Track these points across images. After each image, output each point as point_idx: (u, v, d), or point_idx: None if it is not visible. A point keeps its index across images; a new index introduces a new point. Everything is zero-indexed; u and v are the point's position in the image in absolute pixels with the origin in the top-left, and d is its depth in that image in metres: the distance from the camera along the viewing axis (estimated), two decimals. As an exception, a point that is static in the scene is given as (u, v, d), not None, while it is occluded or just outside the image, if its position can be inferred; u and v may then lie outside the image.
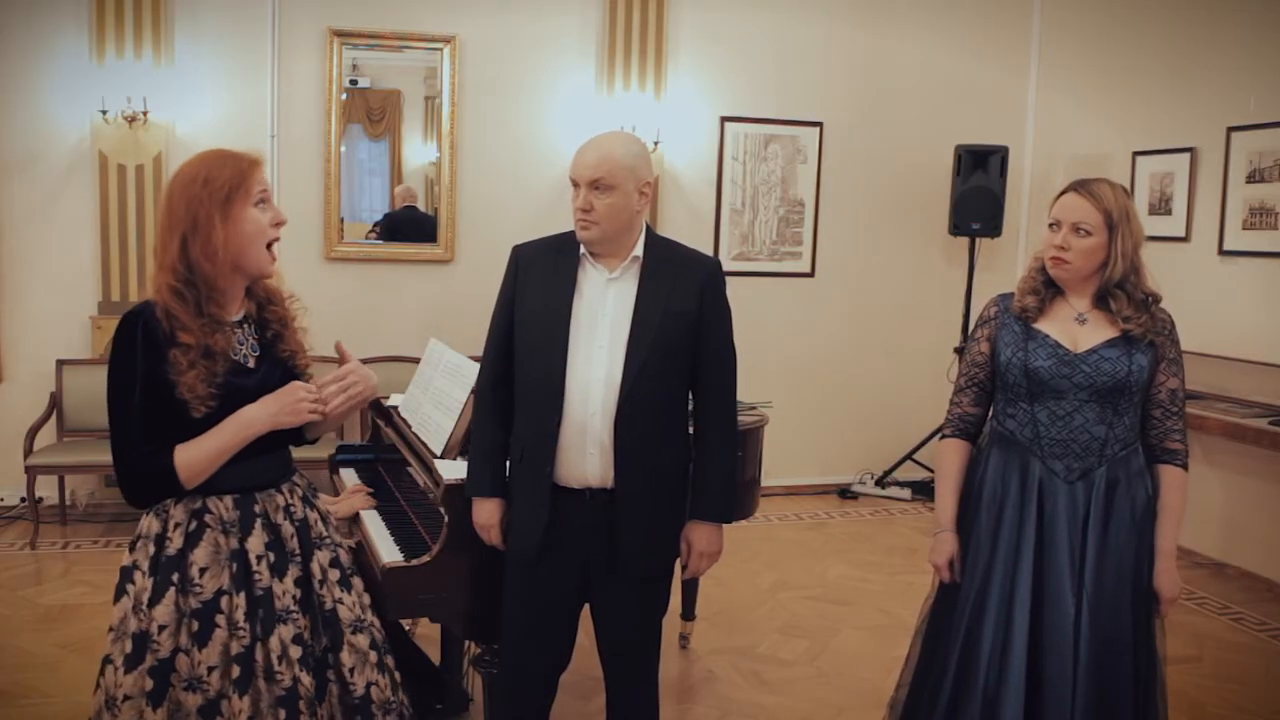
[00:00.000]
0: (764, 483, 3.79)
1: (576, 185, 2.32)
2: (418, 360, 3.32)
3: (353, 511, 2.94)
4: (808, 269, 6.22)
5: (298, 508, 2.14)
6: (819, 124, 6.10)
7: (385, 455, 3.38)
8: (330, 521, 2.24)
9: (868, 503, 6.15)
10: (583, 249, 2.37)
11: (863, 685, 3.67)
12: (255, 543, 2.03)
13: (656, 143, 5.74)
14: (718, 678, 3.74)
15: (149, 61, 5.15)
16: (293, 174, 5.44)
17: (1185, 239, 5.32)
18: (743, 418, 3.76)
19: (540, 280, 2.39)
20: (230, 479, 2.02)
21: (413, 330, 5.47)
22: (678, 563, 2.52)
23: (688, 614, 3.96)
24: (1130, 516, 2.31)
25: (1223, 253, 5.11)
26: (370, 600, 2.24)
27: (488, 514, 2.45)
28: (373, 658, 2.15)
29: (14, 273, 5.21)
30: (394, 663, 2.24)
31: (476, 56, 5.62)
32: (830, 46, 6.08)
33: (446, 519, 2.53)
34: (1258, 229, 4.94)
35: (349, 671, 2.10)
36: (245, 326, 2.09)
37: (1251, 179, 4.96)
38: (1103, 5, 5.90)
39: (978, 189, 5.90)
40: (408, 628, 3.36)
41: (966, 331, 5.96)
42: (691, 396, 2.47)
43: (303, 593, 2.07)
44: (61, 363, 5.16)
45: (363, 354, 5.53)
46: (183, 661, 1.95)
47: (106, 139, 5.16)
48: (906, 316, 6.35)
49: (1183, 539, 4.22)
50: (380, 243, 5.77)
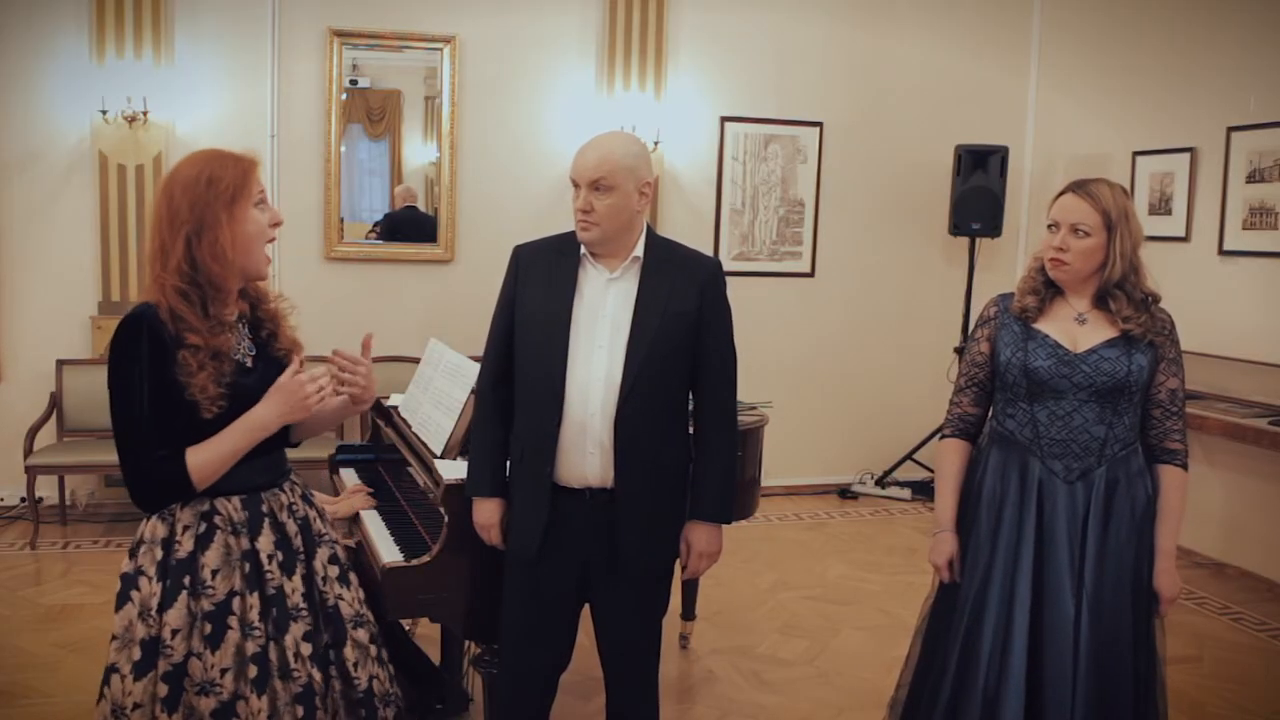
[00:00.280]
0: (764, 483, 3.79)
1: (577, 186, 2.32)
2: (418, 360, 3.32)
3: (353, 511, 2.94)
4: (808, 269, 6.22)
5: (299, 506, 2.15)
6: (819, 124, 6.10)
7: (385, 455, 3.38)
8: (326, 518, 2.25)
9: (868, 503, 6.15)
10: (583, 249, 2.37)
11: (863, 685, 3.67)
12: (265, 542, 2.04)
13: (656, 143, 5.74)
14: (718, 678, 3.74)
15: (149, 61, 5.15)
16: (293, 174, 5.44)
17: (1185, 239, 5.32)
18: (743, 418, 3.76)
19: (541, 280, 2.39)
20: (237, 479, 2.03)
21: (413, 330, 5.47)
22: (678, 563, 2.52)
23: (688, 614, 3.96)
24: (1130, 516, 2.31)
25: (1223, 253, 5.11)
26: (364, 596, 2.25)
27: (488, 514, 2.45)
28: (373, 652, 2.17)
29: (14, 273, 5.21)
30: (387, 655, 2.26)
31: (476, 56, 5.62)
32: (830, 46, 6.08)
33: (446, 519, 2.53)
34: (1258, 229, 4.94)
35: (353, 666, 2.11)
36: (241, 326, 2.10)
37: (1251, 179, 4.96)
38: (1103, 5, 5.90)
39: (978, 189, 5.90)
40: (408, 628, 3.37)
41: (966, 331, 5.96)
42: (692, 397, 2.47)
43: (307, 590, 2.08)
44: (61, 363, 5.16)
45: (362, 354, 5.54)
46: (195, 665, 1.95)
47: (106, 139, 5.16)
48: (906, 316, 6.35)
49: (1183, 539, 4.22)
50: (380, 243, 5.77)
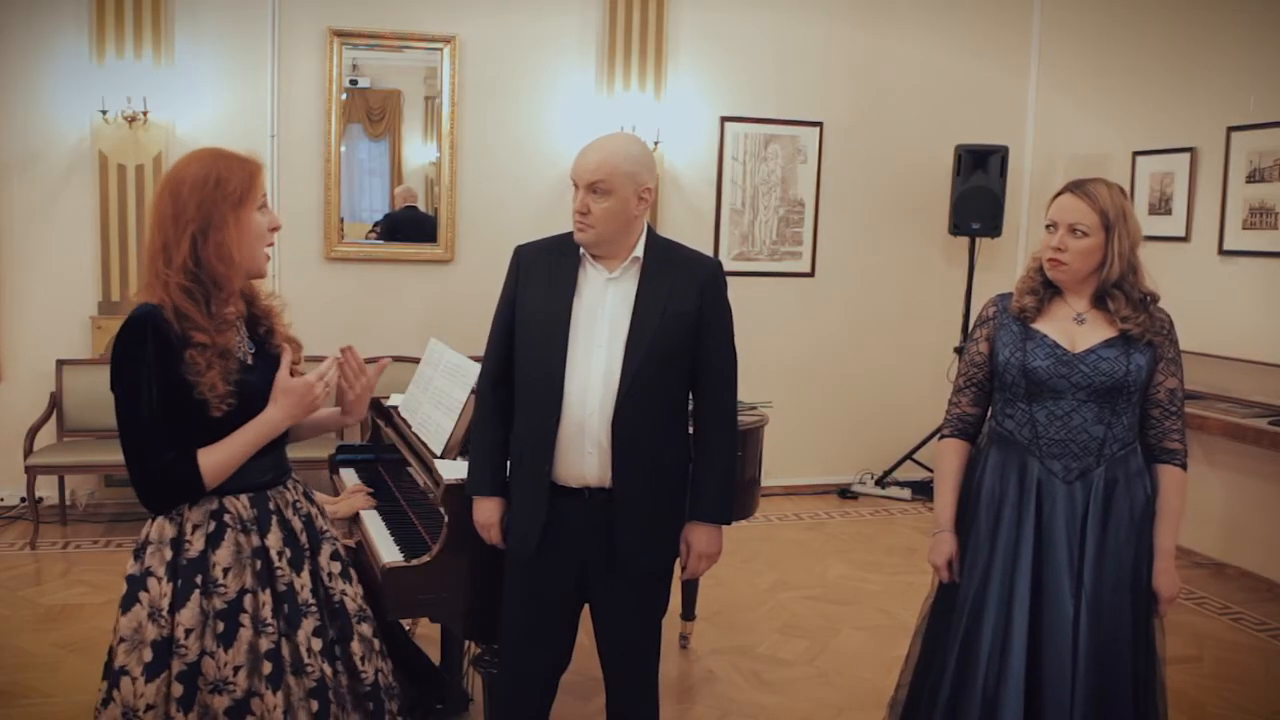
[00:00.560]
0: (764, 483, 3.79)
1: (576, 186, 2.33)
2: (418, 360, 3.32)
3: (353, 511, 2.94)
4: (808, 269, 6.22)
5: (302, 503, 2.17)
6: (819, 124, 6.10)
7: (385, 455, 3.38)
8: (326, 515, 2.27)
9: (868, 503, 6.15)
10: (583, 249, 2.37)
11: (863, 685, 3.67)
12: (274, 539, 2.05)
13: (656, 143, 5.74)
14: (718, 678, 3.74)
15: (149, 61, 5.15)
16: (293, 174, 5.44)
17: (1185, 239, 5.32)
18: (743, 418, 3.76)
19: (541, 280, 2.39)
20: (244, 478, 2.04)
21: (413, 330, 5.47)
22: (677, 563, 2.52)
23: (688, 614, 3.96)
24: (1129, 516, 2.31)
25: (1223, 253, 5.11)
26: (363, 592, 2.27)
27: (488, 513, 2.45)
28: (376, 645, 2.20)
29: (14, 273, 5.21)
30: (391, 661, 2.27)
31: (476, 56, 5.62)
32: (830, 46, 6.08)
33: (446, 519, 2.53)
34: (1258, 229, 4.94)
35: (359, 660, 2.13)
36: (239, 325, 2.10)
37: (1251, 179, 4.96)
38: (1103, 5, 5.90)
39: (978, 189, 5.90)
40: (408, 628, 3.37)
41: (966, 331, 5.96)
42: (691, 397, 2.47)
43: (314, 585, 2.10)
44: (61, 363, 5.16)
45: (363, 354, 5.50)
46: (208, 664, 1.96)
47: (106, 139, 5.16)
48: (906, 316, 6.35)
49: (1183, 539, 4.22)
50: (380, 243, 5.77)
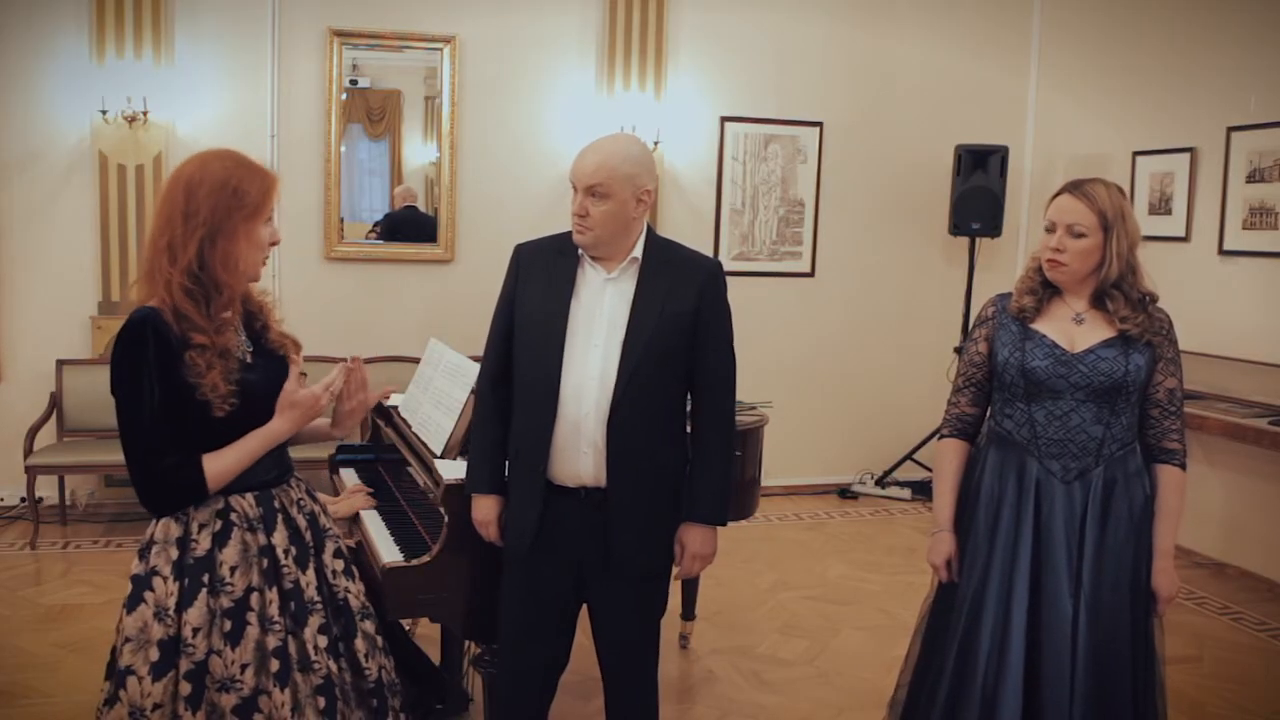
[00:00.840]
0: (764, 483, 3.79)
1: (575, 189, 2.32)
2: (418, 360, 3.32)
3: (353, 511, 2.94)
4: (808, 269, 6.22)
5: (307, 501, 2.18)
6: (819, 124, 6.10)
7: (385, 455, 3.38)
8: (328, 513, 2.28)
9: (868, 503, 6.15)
10: (581, 250, 2.37)
11: (863, 685, 3.67)
12: (280, 537, 2.06)
13: (656, 143, 5.74)
14: (718, 678, 3.74)
15: (149, 61, 5.15)
16: (293, 174, 5.43)
17: (1185, 239, 5.32)
18: (743, 418, 3.76)
19: (540, 280, 2.39)
20: (249, 476, 2.05)
21: (413, 330, 5.47)
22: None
23: (688, 614, 3.96)
24: (1128, 516, 2.31)
25: (1223, 253, 5.11)
26: (365, 590, 2.28)
27: (486, 510, 2.46)
28: (379, 642, 2.21)
29: (14, 273, 5.21)
30: (388, 646, 2.29)
31: (476, 56, 5.62)
32: (830, 46, 6.08)
33: (446, 519, 2.53)
34: (1258, 229, 4.94)
35: (363, 657, 2.14)
36: (238, 325, 2.11)
37: (1251, 179, 4.96)
38: (1103, 5, 5.90)
39: (978, 189, 5.90)
40: (408, 628, 3.37)
41: (966, 331, 5.96)
42: (690, 397, 2.47)
43: (319, 583, 2.10)
44: (61, 363, 5.16)
45: (363, 354, 5.51)
46: (215, 663, 1.96)
47: (106, 139, 5.16)
48: (906, 316, 6.35)
49: (1183, 539, 4.21)
50: (380, 243, 5.77)
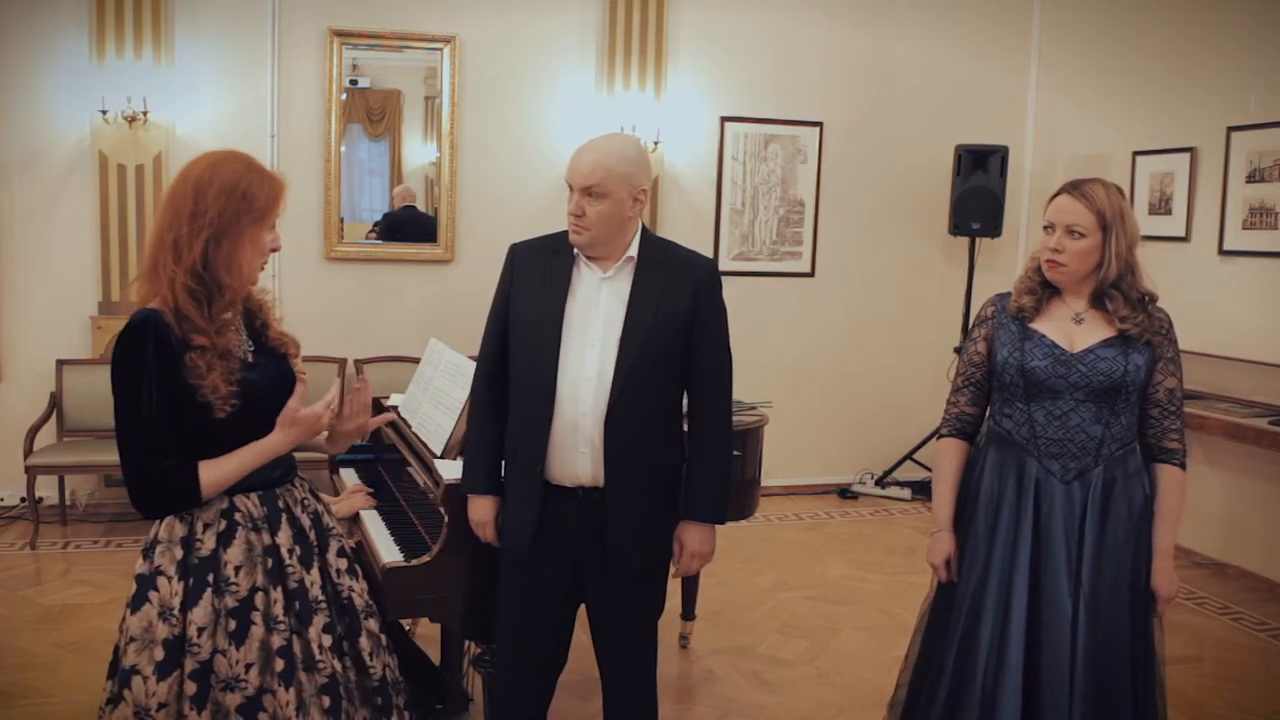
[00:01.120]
0: (764, 483, 3.79)
1: (571, 189, 2.32)
2: (418, 360, 3.32)
3: (353, 511, 2.95)
4: (808, 269, 6.22)
5: (310, 501, 2.19)
6: (819, 124, 6.10)
7: (385, 455, 3.38)
8: (331, 512, 2.28)
9: (868, 503, 6.15)
10: (577, 249, 2.37)
11: (863, 685, 3.67)
12: (284, 537, 2.06)
13: (656, 143, 5.74)
14: (718, 678, 3.74)
15: (149, 61, 5.15)
16: (293, 174, 5.31)
17: (1185, 239, 5.32)
18: (742, 418, 3.77)
19: (535, 279, 2.39)
20: (254, 476, 2.05)
21: (413, 330, 5.47)
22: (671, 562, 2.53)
23: (688, 614, 3.96)
24: (1127, 516, 2.31)
25: (1223, 253, 5.11)
26: (366, 589, 2.28)
27: (483, 511, 2.45)
28: (383, 641, 2.21)
29: (14, 273, 5.21)
30: (392, 645, 2.29)
31: (476, 56, 5.62)
32: (830, 46, 6.08)
33: (446, 519, 2.53)
34: (1258, 229, 4.94)
35: (368, 656, 2.14)
36: (239, 324, 2.11)
37: (1251, 179, 4.96)
38: (1103, 5, 5.90)
39: (978, 189, 5.90)
40: (408, 628, 3.37)
41: (966, 331, 5.96)
42: (687, 397, 2.47)
43: (323, 582, 2.11)
44: (61, 363, 5.16)
45: (363, 354, 5.56)
46: (220, 662, 1.96)
47: (106, 139, 5.16)
48: (906, 316, 6.35)
49: (1183, 539, 4.21)
50: (380, 243, 5.77)
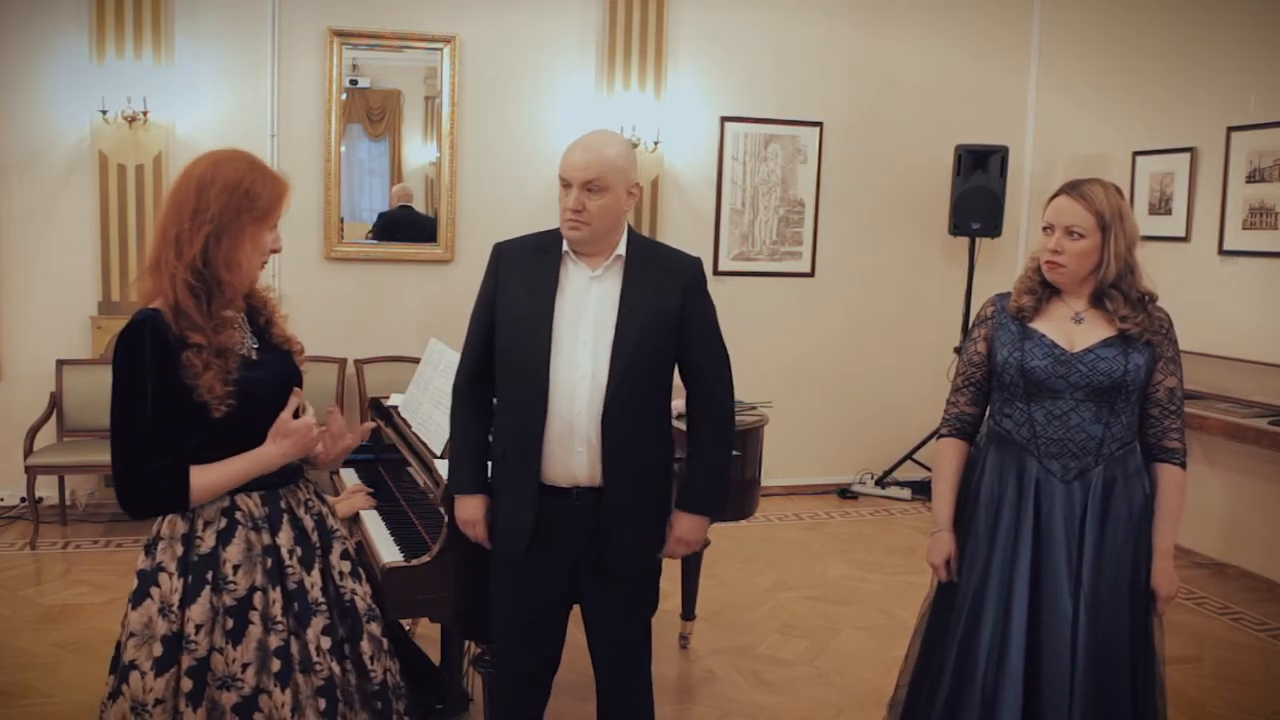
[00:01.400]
0: (764, 483, 3.79)
1: (567, 185, 2.31)
2: (418, 360, 3.32)
3: (353, 511, 2.95)
4: (808, 269, 6.22)
5: (314, 502, 2.18)
6: (819, 124, 6.10)
7: (385, 455, 3.38)
8: (336, 514, 2.27)
9: (868, 503, 6.15)
10: (565, 246, 2.36)
11: (863, 685, 3.67)
12: (285, 537, 2.06)
13: (657, 143, 5.74)
14: (718, 678, 3.74)
15: (149, 61, 5.15)
16: (293, 174, 5.26)
17: (1185, 239, 5.32)
18: (743, 418, 3.77)
19: (522, 278, 2.38)
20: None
21: (413, 330, 5.47)
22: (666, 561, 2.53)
23: (688, 614, 3.95)
24: (1128, 516, 2.31)
25: (1223, 253, 5.11)
26: (372, 592, 2.27)
27: (472, 510, 2.44)
28: (385, 645, 2.20)
29: (14, 273, 5.21)
30: (394, 649, 2.28)
31: (476, 56, 5.62)
32: (830, 46, 6.08)
33: (446, 519, 2.53)
34: (1258, 229, 4.94)
35: (369, 659, 2.14)
36: (242, 321, 2.11)
37: (1251, 179, 4.96)
38: (1103, 5, 5.90)
39: (978, 189, 5.90)
40: (408, 628, 3.37)
41: (966, 331, 5.96)
42: (686, 395, 2.47)
43: (324, 584, 2.10)
44: (61, 363, 5.16)
45: (363, 354, 5.56)
46: (217, 660, 1.97)
47: (106, 139, 5.16)
48: (906, 316, 6.35)
49: (1183, 539, 4.21)
50: (380, 243, 5.75)
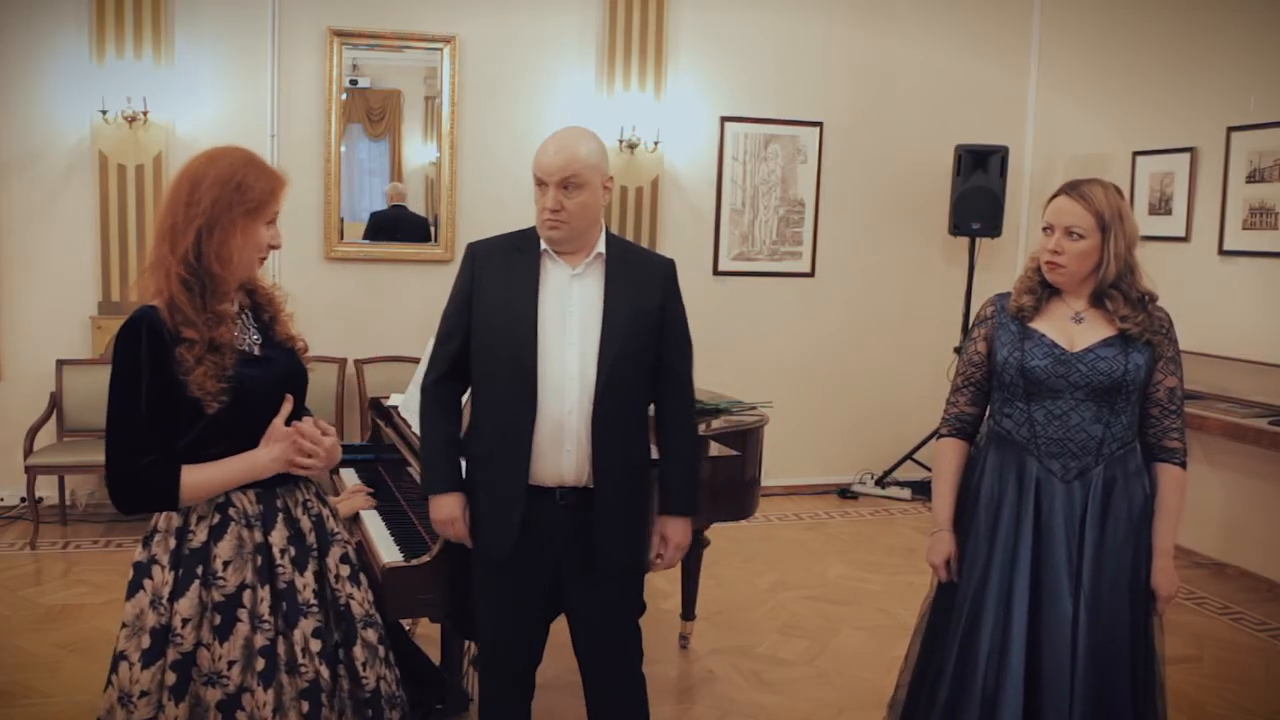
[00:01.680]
0: (764, 483, 3.78)
1: (543, 185, 2.30)
2: (418, 360, 3.32)
3: (353, 511, 2.94)
4: (808, 269, 6.22)
5: (314, 503, 2.17)
6: (819, 124, 6.10)
7: (385, 455, 3.38)
8: (338, 518, 2.26)
9: (868, 503, 6.15)
10: (543, 245, 2.35)
11: (863, 685, 3.67)
12: (278, 536, 2.05)
13: (657, 143, 5.74)
14: (718, 678, 3.74)
15: (149, 61, 5.15)
16: (293, 174, 5.27)
17: (1185, 239, 5.32)
18: (743, 418, 3.77)
19: (500, 277, 2.37)
20: None
21: (413, 330, 5.47)
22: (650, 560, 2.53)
23: (688, 614, 3.95)
24: (1128, 515, 2.32)
25: (1223, 253, 5.11)
26: (373, 598, 2.26)
27: (449, 508, 2.40)
28: (381, 652, 2.18)
29: (14, 273, 5.21)
30: (394, 658, 2.26)
31: (476, 56, 5.62)
32: (830, 46, 6.08)
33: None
34: (1258, 229, 4.94)
35: (361, 666, 2.12)
36: (244, 317, 2.11)
37: (1251, 179, 4.96)
38: (1103, 5, 5.90)
39: (978, 189, 5.90)
40: (408, 628, 3.37)
41: (966, 331, 5.96)
42: (657, 394, 2.46)
43: (319, 587, 2.09)
44: (61, 363, 5.16)
45: (363, 354, 5.56)
46: (203, 656, 1.96)
47: (106, 139, 5.16)
48: (906, 316, 6.35)
49: (1183, 539, 4.21)
50: (381, 242, 5.75)
